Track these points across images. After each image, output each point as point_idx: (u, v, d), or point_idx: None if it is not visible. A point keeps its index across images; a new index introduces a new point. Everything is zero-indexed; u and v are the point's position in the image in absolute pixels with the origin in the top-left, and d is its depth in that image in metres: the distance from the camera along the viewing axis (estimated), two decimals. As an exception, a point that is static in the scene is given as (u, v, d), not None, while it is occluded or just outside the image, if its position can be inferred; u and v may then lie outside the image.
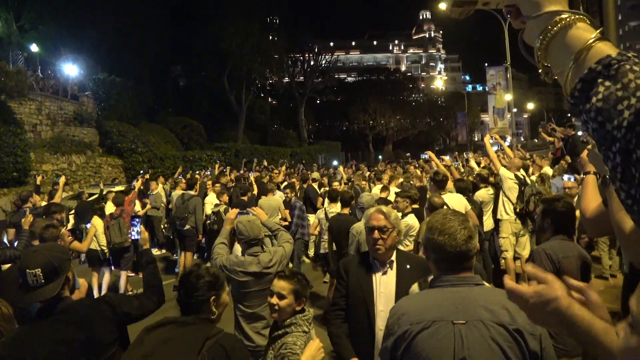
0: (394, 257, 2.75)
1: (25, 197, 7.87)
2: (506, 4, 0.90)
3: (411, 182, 9.95)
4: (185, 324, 2.15)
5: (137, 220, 3.43)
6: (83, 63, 22.78)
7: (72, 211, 9.93)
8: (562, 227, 3.20)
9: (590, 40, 0.71)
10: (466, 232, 1.76)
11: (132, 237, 3.38)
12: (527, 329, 1.59)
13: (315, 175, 12.00)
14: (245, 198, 8.72)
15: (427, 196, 6.19)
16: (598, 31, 0.72)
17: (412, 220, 5.48)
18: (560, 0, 0.79)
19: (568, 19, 0.75)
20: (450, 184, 6.30)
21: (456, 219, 1.80)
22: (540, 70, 0.83)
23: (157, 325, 2.13)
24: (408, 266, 2.74)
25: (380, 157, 43.41)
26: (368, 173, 14.72)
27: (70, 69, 21.88)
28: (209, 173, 14.98)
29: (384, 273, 2.72)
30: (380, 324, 2.60)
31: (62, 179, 7.91)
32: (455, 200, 5.60)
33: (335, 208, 6.45)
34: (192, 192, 8.96)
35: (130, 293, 7.10)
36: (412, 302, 1.82)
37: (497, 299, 1.64)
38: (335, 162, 33.41)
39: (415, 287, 2.44)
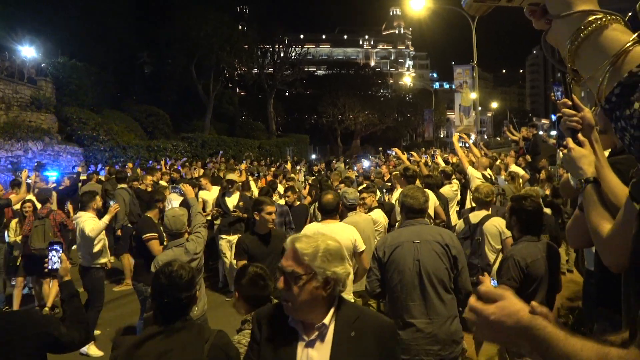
0: (328, 320, 1.74)
1: None
2: (530, 2, 0.84)
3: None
4: (175, 330, 2.03)
5: (59, 246, 2.76)
6: (42, 45, 21.68)
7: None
8: (529, 226, 3.22)
9: (629, 43, 0.66)
10: (424, 197, 3.40)
11: (49, 267, 2.68)
12: (450, 244, 3.16)
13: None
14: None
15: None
16: (636, 34, 0.67)
17: (377, 215, 5.54)
18: None
19: (603, 19, 0.70)
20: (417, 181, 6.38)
21: (419, 191, 3.48)
22: (567, 73, 0.78)
23: (145, 339, 1.98)
24: (353, 333, 1.75)
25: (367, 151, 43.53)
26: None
27: (28, 51, 20.78)
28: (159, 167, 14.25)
29: (310, 344, 1.75)
30: None
31: (25, 173, 7.52)
32: (425, 196, 5.69)
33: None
34: (125, 186, 8.50)
35: (46, 310, 6.33)
36: (390, 234, 3.53)
37: (435, 230, 3.36)
38: (314, 156, 33.13)
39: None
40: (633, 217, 0.94)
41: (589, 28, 0.71)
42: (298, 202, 7.41)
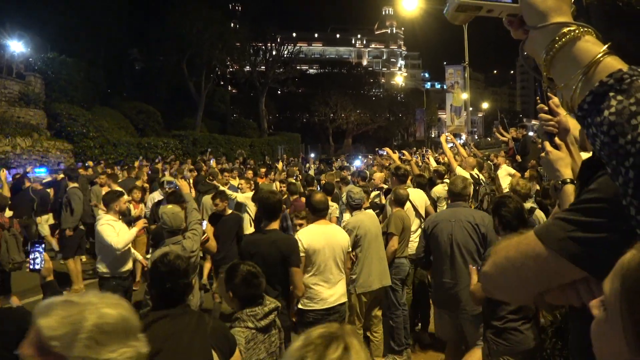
0: None
1: None
2: (509, 13, 0.88)
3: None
4: (178, 315, 2.13)
5: (40, 245, 2.63)
6: (31, 41, 21.43)
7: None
8: (510, 226, 3.28)
9: (600, 54, 0.70)
10: (463, 184, 4.19)
11: (31, 267, 2.57)
12: (479, 223, 3.88)
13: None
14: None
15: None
16: (607, 45, 0.71)
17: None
18: (566, 12, 0.78)
19: (576, 31, 0.74)
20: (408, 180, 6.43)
21: (460, 179, 4.35)
22: (543, 82, 0.82)
23: (150, 323, 2.04)
24: None
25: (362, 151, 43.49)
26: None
27: (16, 46, 20.54)
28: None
29: None
30: None
31: (2, 172, 7.30)
32: (416, 195, 5.74)
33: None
34: (77, 185, 7.89)
35: None
36: (436, 214, 4.72)
37: (469, 212, 4.10)
38: (312, 155, 32.89)
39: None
40: None
41: (563, 39, 0.75)
42: (230, 211, 6.27)
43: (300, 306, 3.92)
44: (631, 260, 0.58)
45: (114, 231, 4.87)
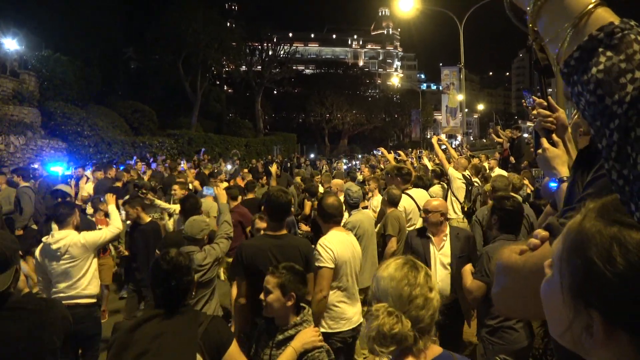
0: None
1: None
2: None
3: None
4: (172, 314, 2.10)
5: None
6: (25, 38, 21.28)
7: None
8: (507, 225, 3.29)
9: (591, 5, 0.64)
10: (508, 181, 5.22)
11: None
12: (529, 214, 4.45)
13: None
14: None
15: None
16: None
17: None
18: None
19: None
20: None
21: (505, 177, 5.37)
22: (529, 35, 0.77)
23: (141, 322, 2.03)
24: None
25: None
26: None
27: (10, 44, 20.38)
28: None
29: None
30: None
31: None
32: (420, 195, 5.76)
33: None
34: (29, 184, 7.67)
35: None
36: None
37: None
38: (312, 155, 32.54)
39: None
40: None
41: None
42: (148, 219, 5.46)
43: (323, 329, 3.23)
44: (573, 222, 0.60)
45: (96, 231, 4.26)
